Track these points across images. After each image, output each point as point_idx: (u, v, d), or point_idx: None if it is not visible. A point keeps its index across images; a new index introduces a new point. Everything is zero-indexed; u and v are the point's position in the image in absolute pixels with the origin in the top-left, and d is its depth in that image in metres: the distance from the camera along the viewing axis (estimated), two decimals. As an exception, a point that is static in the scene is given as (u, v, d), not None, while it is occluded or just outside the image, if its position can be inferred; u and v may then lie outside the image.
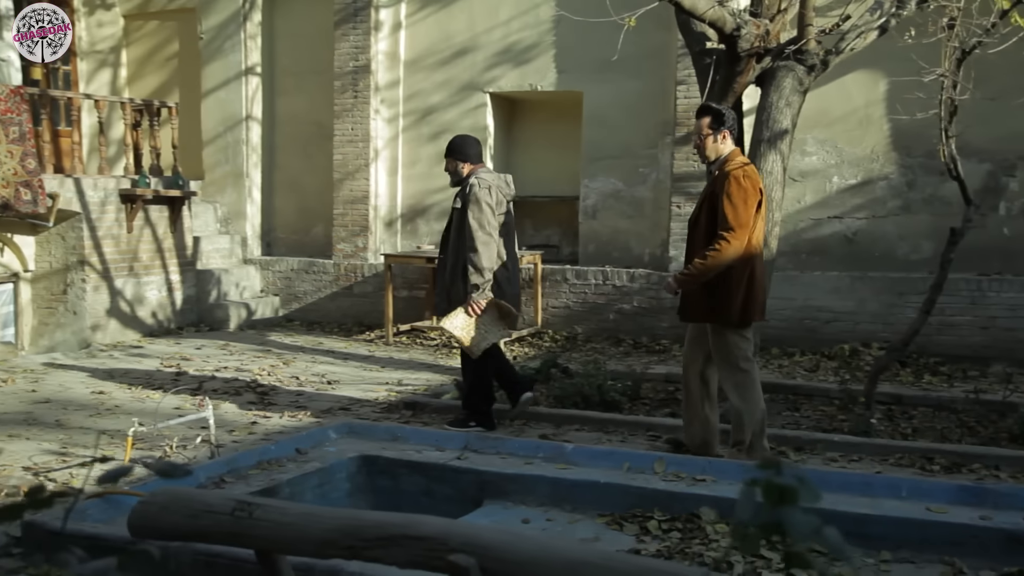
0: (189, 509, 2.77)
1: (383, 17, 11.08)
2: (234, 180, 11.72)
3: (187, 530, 2.77)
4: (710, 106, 5.62)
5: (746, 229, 5.22)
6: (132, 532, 2.89)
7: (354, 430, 6.00)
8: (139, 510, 2.87)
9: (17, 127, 9.17)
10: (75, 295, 9.61)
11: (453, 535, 2.44)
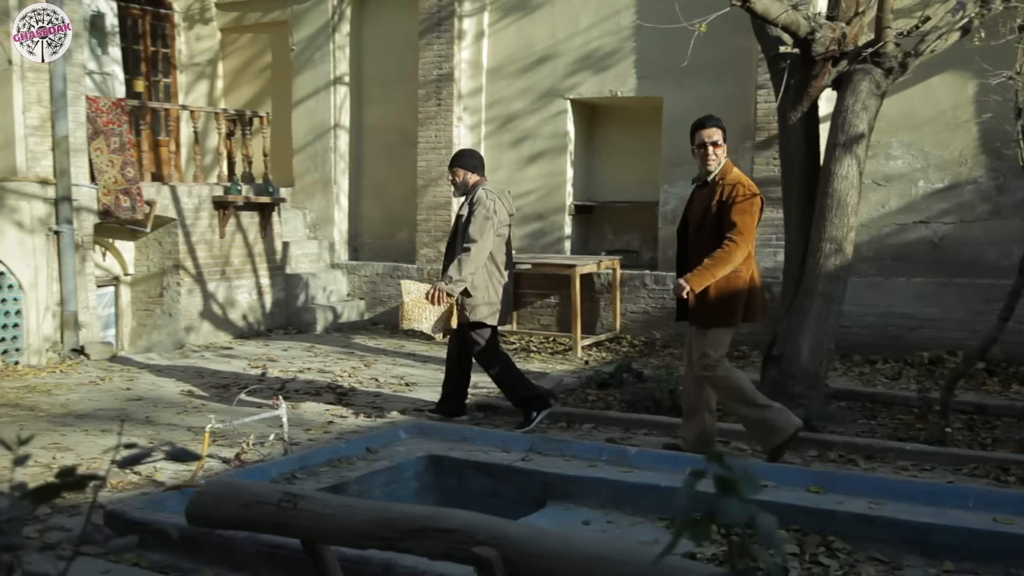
0: (240, 500, 2.93)
1: (466, 26, 11.27)
2: (323, 187, 12.05)
3: (238, 519, 2.94)
4: (716, 118, 5.92)
5: (752, 235, 5.51)
6: (189, 520, 3.07)
7: (424, 430, 6.16)
8: (195, 500, 3.05)
9: (118, 138, 9.64)
10: (170, 298, 10.04)
11: (479, 528, 2.54)
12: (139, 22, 12.49)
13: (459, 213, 6.71)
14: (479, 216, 6.50)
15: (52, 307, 8.90)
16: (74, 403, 7.27)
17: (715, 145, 5.70)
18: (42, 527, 4.63)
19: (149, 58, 12.57)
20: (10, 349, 8.66)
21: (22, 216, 8.73)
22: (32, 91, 8.96)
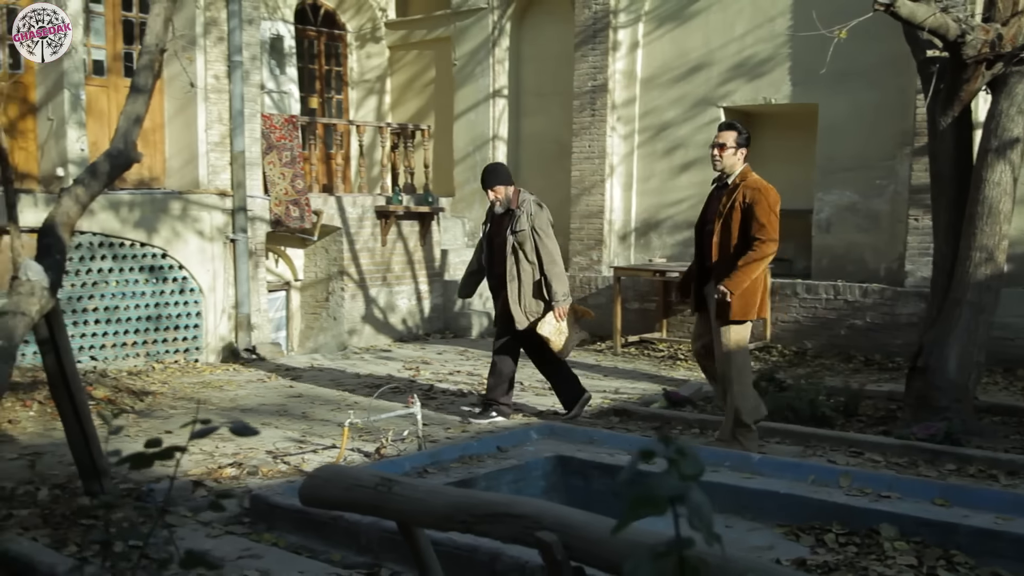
0: (344, 483, 3.22)
1: (621, 37, 11.42)
2: (481, 196, 12.41)
3: (342, 500, 3.23)
4: (734, 124, 6.29)
5: (777, 235, 5.89)
6: (302, 501, 3.39)
7: (555, 432, 6.37)
8: (307, 484, 3.36)
9: (289, 152, 10.33)
10: (335, 302, 10.66)
11: (545, 515, 2.73)
12: (315, 43, 13.28)
13: (517, 228, 6.95)
14: (545, 227, 7.00)
15: (228, 310, 9.64)
16: (241, 398, 7.88)
17: (721, 148, 6.09)
18: (196, 506, 5.12)
19: (323, 76, 13.35)
20: (191, 348, 9.44)
21: (203, 225, 9.50)
22: (213, 110, 9.75)
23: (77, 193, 5.24)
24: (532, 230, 6.93)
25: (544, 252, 6.94)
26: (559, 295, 6.92)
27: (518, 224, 6.94)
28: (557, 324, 6.95)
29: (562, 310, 6.95)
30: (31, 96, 9.12)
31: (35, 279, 4.57)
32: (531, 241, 6.93)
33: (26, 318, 4.43)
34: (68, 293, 8.59)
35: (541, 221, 6.98)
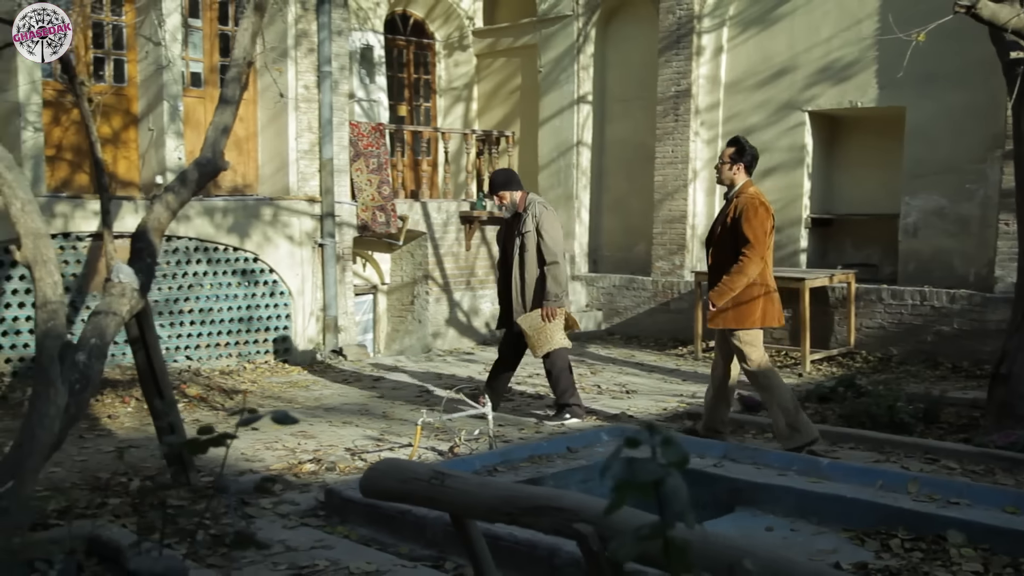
0: (401, 476, 3.39)
1: (705, 42, 11.42)
2: (565, 201, 12.58)
3: (398, 491, 3.39)
4: (737, 139, 6.48)
5: (763, 248, 6.16)
6: (362, 492, 3.57)
7: (626, 434, 6.43)
8: (367, 475, 3.54)
9: (376, 159, 10.62)
10: (420, 306, 10.90)
11: (585, 508, 2.84)
12: (404, 52, 13.59)
13: (524, 230, 7.14)
14: (551, 228, 7.13)
15: (316, 312, 9.96)
16: (326, 398, 8.16)
17: (722, 163, 6.41)
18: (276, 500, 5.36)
19: (412, 84, 13.65)
20: (280, 349, 9.79)
21: (293, 231, 9.85)
22: (304, 119, 10.10)
23: (168, 200, 5.54)
24: (537, 230, 7.11)
25: (546, 252, 7.12)
26: (551, 295, 7.09)
27: (524, 226, 7.17)
28: (540, 322, 7.10)
29: (550, 310, 7.09)
30: (133, 108, 9.59)
31: (126, 281, 4.87)
32: (535, 241, 7.13)
33: (117, 318, 4.72)
34: (165, 295, 9.01)
35: (546, 222, 7.14)
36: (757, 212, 6.16)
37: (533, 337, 7.12)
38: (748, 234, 6.11)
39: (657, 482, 1.64)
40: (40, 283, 4.42)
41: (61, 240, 8.42)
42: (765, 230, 6.16)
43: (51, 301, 4.37)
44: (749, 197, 6.22)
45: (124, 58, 9.59)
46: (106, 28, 9.49)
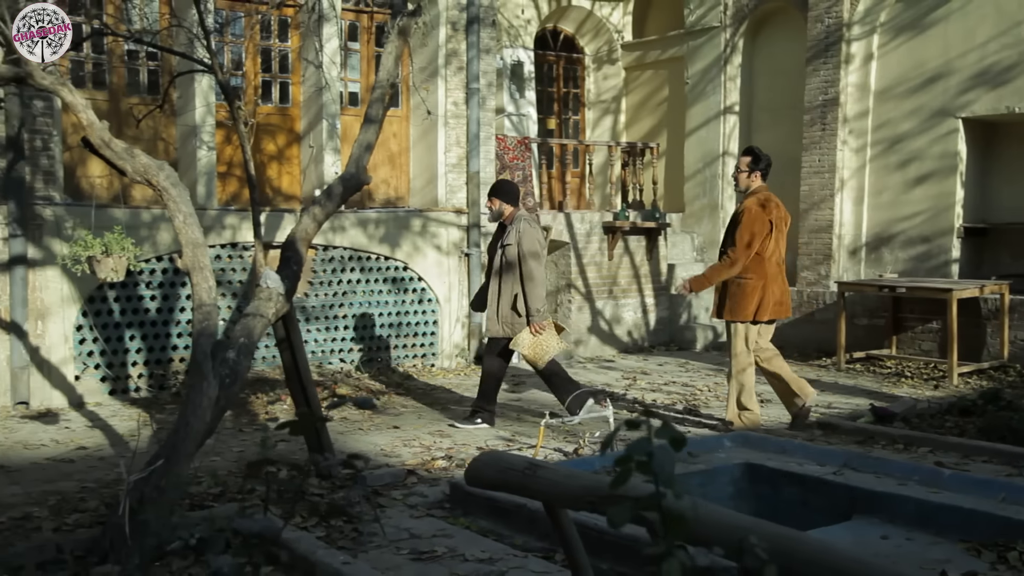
0: (498, 466, 3.67)
1: (854, 50, 11.26)
2: (710, 212, 12.63)
3: (496, 481, 3.68)
4: (751, 148, 7.16)
5: (749, 249, 6.84)
6: (466, 481, 3.87)
7: (748, 441, 6.53)
8: (471, 466, 3.83)
9: (521, 172, 11.00)
10: (563, 313, 11.19)
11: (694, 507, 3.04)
12: (554, 67, 13.96)
13: (506, 243, 7.35)
14: (531, 244, 7.25)
15: (461, 319, 10.40)
16: (467, 400, 8.54)
17: (739, 171, 7.12)
18: (407, 492, 5.78)
19: (561, 98, 14.00)
20: (428, 354, 10.28)
21: (440, 241, 10.33)
22: (452, 135, 10.58)
23: (315, 212, 6.01)
24: (519, 245, 7.28)
25: (525, 268, 7.26)
26: (532, 311, 7.25)
27: (507, 238, 7.35)
28: (533, 338, 7.28)
29: (537, 326, 7.28)
30: (296, 127, 10.30)
31: (273, 287, 5.36)
32: (515, 255, 7.30)
33: (263, 319, 5.21)
34: (322, 301, 9.64)
35: (528, 239, 7.29)
36: (750, 215, 6.84)
37: (531, 355, 7.33)
38: (737, 236, 6.86)
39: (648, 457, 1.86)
40: (197, 288, 4.95)
41: (229, 249, 9.16)
42: (753, 232, 6.82)
43: (206, 304, 4.89)
44: (749, 201, 6.92)
45: (289, 80, 10.31)
46: (274, 53, 10.24)
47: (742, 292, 6.97)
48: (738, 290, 6.98)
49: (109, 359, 8.58)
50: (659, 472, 1.87)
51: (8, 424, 7.61)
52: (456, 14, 10.60)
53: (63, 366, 8.33)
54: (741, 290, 6.97)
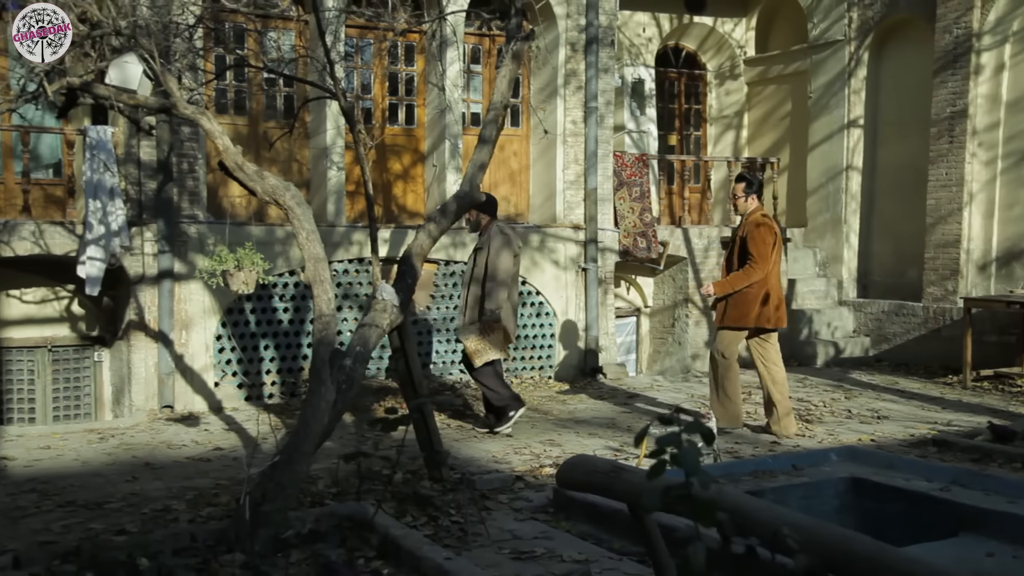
0: (586, 468, 3.89)
1: (984, 60, 10.99)
2: (833, 226, 12.48)
3: (583, 482, 3.90)
4: (743, 175, 7.86)
5: (767, 261, 7.49)
6: (557, 482, 4.12)
7: (855, 455, 6.52)
8: (561, 468, 4.08)
9: (638, 187, 11.16)
10: (680, 328, 11.28)
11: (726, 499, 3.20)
12: (675, 83, 14.06)
13: (478, 247, 7.76)
14: (496, 254, 7.50)
15: (578, 332, 10.62)
16: (579, 412, 8.76)
17: (735, 197, 7.84)
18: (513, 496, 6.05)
19: (682, 114, 14.08)
20: (545, 366, 10.53)
21: (558, 256, 10.58)
22: (570, 152, 10.84)
23: (429, 229, 6.34)
24: (489, 252, 7.58)
25: (490, 270, 7.55)
26: (487, 312, 7.50)
27: (481, 245, 7.74)
28: (479, 337, 7.55)
29: (487, 326, 7.54)
30: (421, 147, 10.75)
31: (388, 298, 5.70)
32: (484, 262, 7.59)
33: (378, 330, 5.56)
34: (443, 314, 10.02)
35: (494, 246, 7.60)
36: (760, 231, 7.48)
37: (471, 349, 7.62)
38: (752, 250, 7.47)
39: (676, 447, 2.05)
40: (317, 299, 5.33)
41: (356, 264, 9.64)
42: (768, 244, 7.48)
43: (325, 314, 5.27)
44: (755, 219, 7.56)
45: (414, 103, 10.78)
46: (400, 77, 10.72)
47: (745, 300, 7.54)
48: (742, 298, 7.54)
49: (245, 367, 9.16)
50: (685, 464, 2.06)
51: (155, 426, 8.24)
52: (575, 35, 10.87)
53: (204, 373, 8.95)
54: (744, 298, 7.54)
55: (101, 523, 5.40)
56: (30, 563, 4.69)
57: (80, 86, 5.81)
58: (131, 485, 6.29)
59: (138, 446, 7.48)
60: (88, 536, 5.14)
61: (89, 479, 6.46)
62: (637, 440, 2.21)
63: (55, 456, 7.14)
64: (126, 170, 8.74)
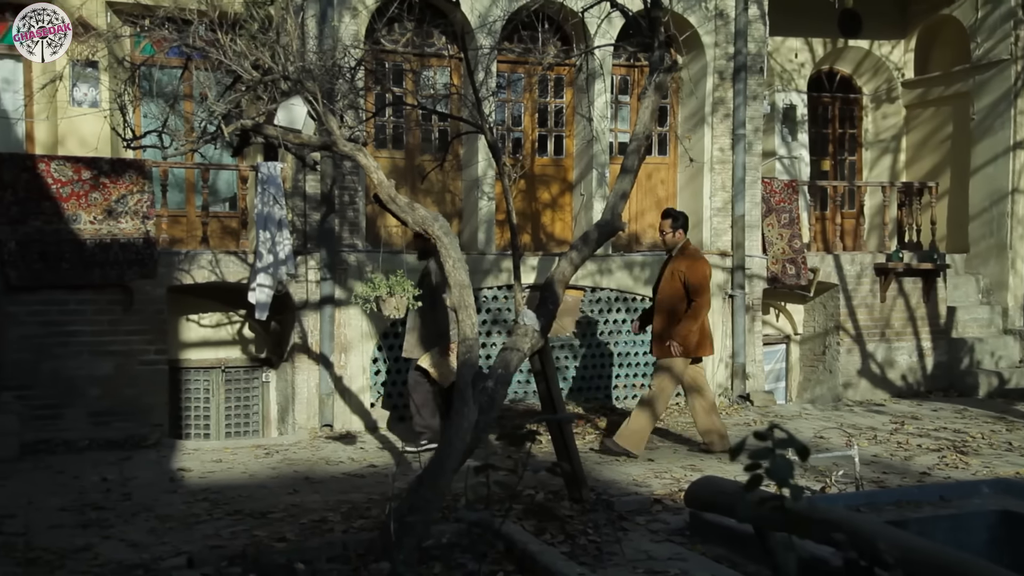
0: (712, 489, 4.02)
1: None
2: (997, 252, 12.02)
3: (709, 502, 4.03)
4: (669, 211, 8.16)
5: (708, 293, 7.85)
6: (685, 502, 4.24)
7: (1009, 488, 6.31)
8: (689, 489, 4.21)
9: (787, 214, 11.09)
10: (831, 356, 11.10)
11: (843, 522, 3.27)
12: (829, 108, 13.86)
13: (423, 272, 8.21)
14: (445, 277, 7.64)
15: (725, 359, 10.61)
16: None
17: (663, 233, 8.07)
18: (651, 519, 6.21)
19: (836, 139, 13.86)
20: (691, 392, 10.56)
21: (704, 283, 10.62)
22: (717, 179, 10.88)
23: (571, 256, 6.57)
24: (433, 276, 8.00)
25: (441, 299, 7.90)
26: (453, 335, 7.68)
27: (426, 269, 8.21)
28: (440, 359, 8.00)
29: (445, 350, 7.96)
30: (569, 176, 11.02)
31: (529, 324, 5.95)
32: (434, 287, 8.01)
33: (519, 353, 5.81)
34: (589, 340, 10.22)
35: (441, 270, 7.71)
36: (699, 264, 7.79)
37: (435, 372, 8.05)
38: (696, 285, 7.72)
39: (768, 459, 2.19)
40: (462, 324, 5.63)
41: (505, 291, 9.97)
42: (708, 276, 7.84)
43: (468, 338, 5.56)
44: (691, 254, 7.89)
45: (563, 133, 11.07)
46: (549, 109, 11.04)
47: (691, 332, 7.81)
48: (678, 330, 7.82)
49: (400, 389, 9.59)
50: (776, 476, 2.19)
51: (315, 443, 8.75)
52: (723, 64, 10.93)
53: (361, 394, 9.43)
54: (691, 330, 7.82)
55: (264, 531, 5.83)
56: (202, 564, 5.16)
57: (252, 127, 6.35)
58: (292, 497, 6.74)
59: (299, 461, 7.97)
60: (253, 542, 5.58)
61: (255, 491, 6.96)
62: (733, 454, 2.35)
63: (226, 469, 7.71)
64: (293, 203, 9.35)
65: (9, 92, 10.07)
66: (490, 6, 9.98)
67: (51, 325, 8.38)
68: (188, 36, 6.35)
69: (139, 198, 8.71)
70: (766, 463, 2.22)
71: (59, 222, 8.43)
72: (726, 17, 10.92)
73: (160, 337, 8.84)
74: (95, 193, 8.57)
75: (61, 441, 8.25)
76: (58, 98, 9.19)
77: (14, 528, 5.85)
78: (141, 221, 8.69)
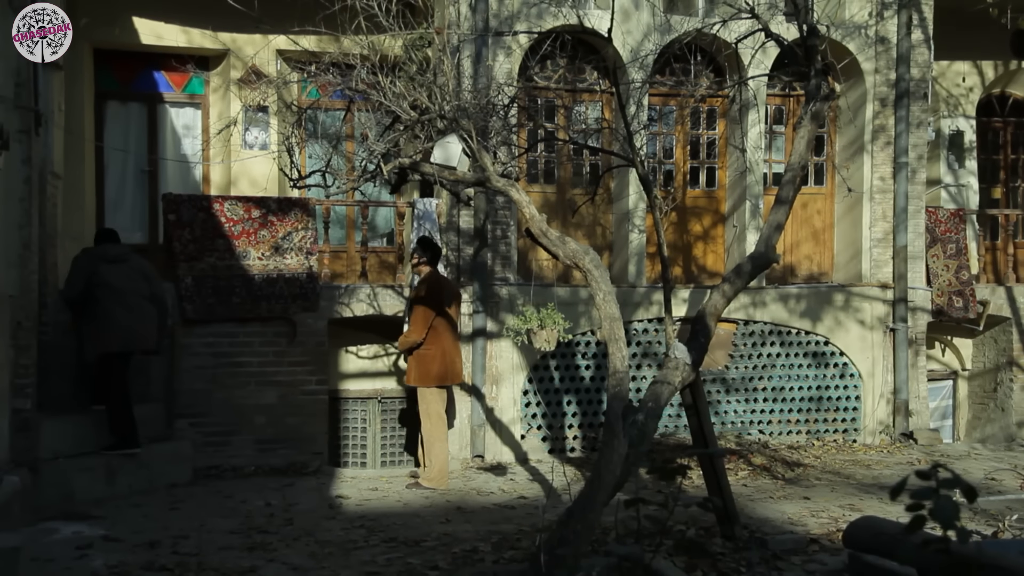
0: (872, 531, 3.90)
1: None
2: None
3: (869, 544, 3.92)
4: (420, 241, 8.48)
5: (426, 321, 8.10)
6: (844, 542, 4.11)
7: None
8: (848, 530, 4.12)
9: (954, 244, 10.64)
10: (1003, 393, 10.54)
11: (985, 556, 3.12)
12: (1000, 134, 13.24)
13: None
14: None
15: (886, 395, 10.22)
16: (883, 477, 8.44)
17: (413, 264, 8.46)
18: (807, 558, 6.06)
19: (1008, 165, 13.21)
20: (849, 428, 10.21)
21: (863, 315, 10.28)
22: (878, 209, 10.54)
23: (724, 289, 6.49)
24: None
25: None
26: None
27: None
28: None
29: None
30: (721, 208, 10.90)
31: (680, 357, 5.92)
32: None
33: (670, 387, 5.78)
34: (742, 374, 10.04)
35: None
36: (420, 293, 8.21)
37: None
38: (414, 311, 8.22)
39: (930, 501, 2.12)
40: (612, 357, 5.65)
41: (656, 324, 9.92)
42: (426, 305, 8.11)
43: (619, 371, 5.57)
44: (421, 281, 8.30)
45: (715, 165, 10.97)
46: (701, 140, 10.97)
47: (424, 360, 8.13)
48: (421, 360, 8.14)
49: (549, 421, 9.66)
50: (941, 517, 2.12)
51: (467, 474, 8.90)
52: (885, 91, 10.63)
53: (511, 425, 9.55)
54: (423, 359, 8.13)
55: (417, 559, 5.97)
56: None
57: (410, 165, 6.58)
58: (444, 527, 6.88)
59: (452, 492, 8.13)
60: (406, 570, 5.72)
61: (409, 519, 7.13)
62: (893, 494, 2.29)
63: (381, 497, 7.93)
64: (447, 237, 9.59)
65: (188, 137, 10.77)
66: (642, 40, 10.03)
67: (222, 356, 8.85)
68: (351, 79, 6.66)
69: (303, 235, 9.12)
70: (929, 504, 2.15)
71: (231, 258, 8.92)
72: (887, 43, 10.63)
73: (321, 368, 9.19)
74: (263, 231, 9.03)
75: (229, 467, 8.67)
76: (232, 142, 9.76)
77: (188, 549, 6.18)
78: (305, 257, 9.10)
